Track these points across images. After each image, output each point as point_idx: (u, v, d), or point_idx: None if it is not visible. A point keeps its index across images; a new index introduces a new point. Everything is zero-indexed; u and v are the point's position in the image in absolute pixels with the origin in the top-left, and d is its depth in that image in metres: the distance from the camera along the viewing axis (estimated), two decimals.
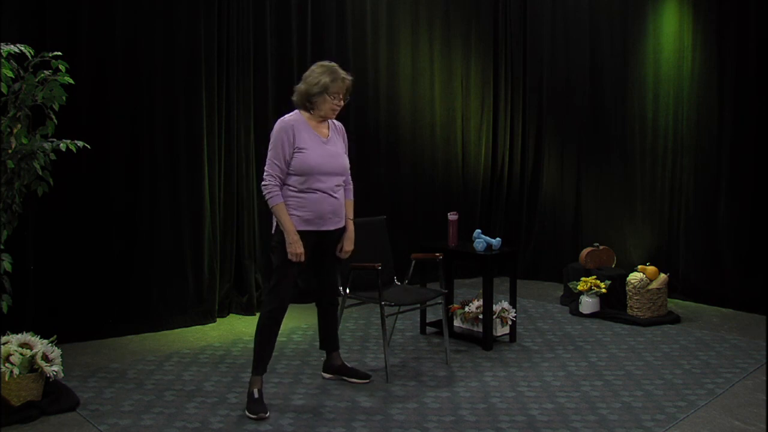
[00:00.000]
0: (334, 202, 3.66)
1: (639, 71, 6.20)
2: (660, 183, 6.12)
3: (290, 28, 5.77)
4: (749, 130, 5.53)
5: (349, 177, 3.84)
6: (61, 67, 3.54)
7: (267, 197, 3.54)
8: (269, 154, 3.55)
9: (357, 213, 3.96)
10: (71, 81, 3.56)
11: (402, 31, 6.56)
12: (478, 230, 4.86)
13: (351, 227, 3.82)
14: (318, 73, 3.62)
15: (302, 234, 3.56)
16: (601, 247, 5.81)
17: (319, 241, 3.68)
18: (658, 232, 6.14)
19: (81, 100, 4.63)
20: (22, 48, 3.47)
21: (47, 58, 3.54)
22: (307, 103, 3.64)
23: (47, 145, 3.53)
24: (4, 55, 3.38)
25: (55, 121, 3.60)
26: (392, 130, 6.53)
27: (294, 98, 3.70)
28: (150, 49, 4.97)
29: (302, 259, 3.54)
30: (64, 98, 3.55)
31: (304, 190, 3.56)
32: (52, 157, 3.59)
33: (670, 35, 6.01)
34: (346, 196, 3.81)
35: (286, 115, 3.65)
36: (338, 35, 6.10)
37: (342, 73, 3.65)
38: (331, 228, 3.68)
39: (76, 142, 3.63)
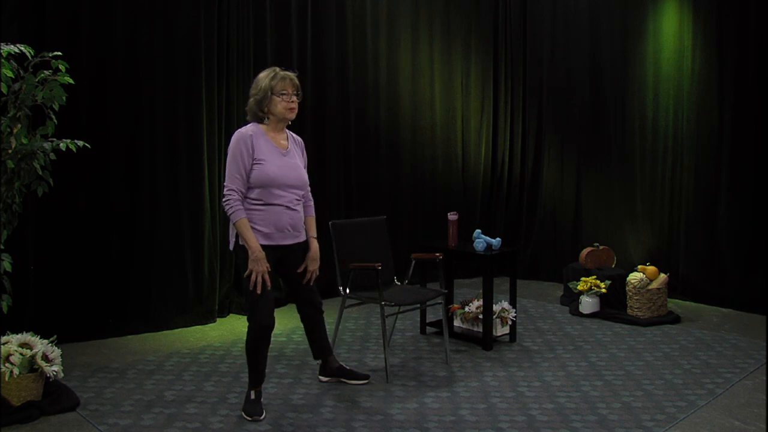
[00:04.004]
0: (294, 215, 3.55)
1: (639, 71, 6.20)
2: (660, 183, 6.12)
3: (290, 28, 5.77)
4: (749, 130, 5.53)
5: (309, 193, 3.71)
6: (61, 67, 3.53)
7: (229, 212, 3.41)
8: (228, 168, 3.44)
9: (358, 213, 3.96)
10: (71, 81, 3.55)
11: (402, 31, 6.56)
12: (478, 230, 4.86)
13: (315, 246, 3.68)
14: (259, 80, 3.54)
15: (263, 249, 3.42)
16: (601, 247, 5.81)
17: (281, 257, 3.57)
18: (658, 232, 6.14)
19: (81, 100, 4.63)
20: (22, 48, 3.47)
21: (47, 58, 3.54)
22: (260, 113, 3.53)
23: (47, 145, 3.53)
24: (4, 55, 3.38)
25: (55, 121, 3.60)
26: (392, 130, 6.53)
27: (248, 118, 3.59)
28: (150, 49, 4.97)
29: (267, 278, 3.39)
30: (64, 98, 3.55)
31: (264, 203, 3.45)
32: (52, 157, 3.59)
33: (670, 35, 6.02)
34: (307, 212, 3.69)
35: (242, 127, 3.54)
36: (338, 35, 6.10)
37: (282, 71, 3.55)
38: (291, 242, 3.56)
39: (76, 142, 3.63)
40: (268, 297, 3.43)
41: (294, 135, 3.72)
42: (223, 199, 3.43)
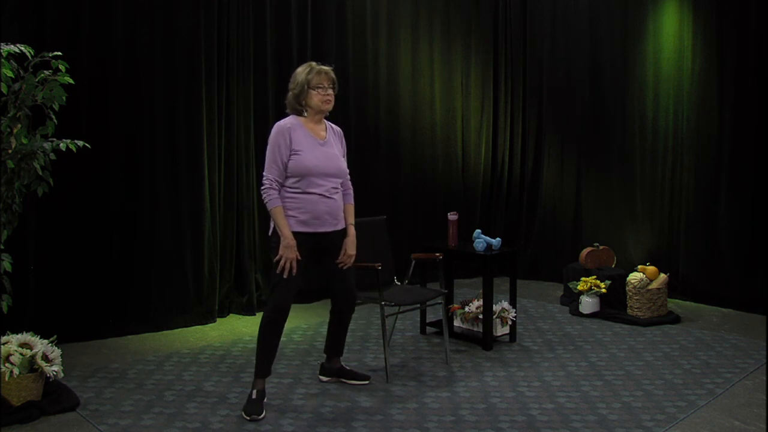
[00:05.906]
0: (331, 204, 3.65)
1: (639, 71, 6.20)
2: (660, 183, 6.12)
3: (290, 28, 5.77)
4: (749, 130, 5.53)
5: (348, 181, 3.82)
6: (61, 67, 3.53)
7: (265, 200, 3.56)
8: (267, 157, 3.58)
9: (358, 213, 3.95)
10: (71, 81, 3.55)
11: (402, 31, 6.56)
12: (478, 230, 4.86)
13: (352, 232, 3.79)
14: (296, 74, 3.70)
15: (299, 235, 3.55)
16: (601, 247, 5.81)
17: (317, 244, 3.65)
18: (658, 232, 6.14)
19: (81, 100, 4.63)
20: (22, 48, 3.47)
21: (47, 58, 3.53)
22: (298, 106, 3.68)
23: (47, 145, 3.53)
24: (4, 55, 3.38)
25: (55, 121, 3.60)
26: (392, 130, 6.53)
27: (287, 110, 3.73)
28: (150, 49, 4.97)
29: (294, 266, 3.51)
30: (64, 98, 3.55)
31: (301, 192, 3.56)
32: (52, 157, 3.59)
33: (670, 35, 6.02)
34: (346, 200, 3.80)
35: (282, 119, 3.67)
36: (338, 35, 6.10)
37: (318, 66, 3.69)
38: (328, 230, 3.66)
39: (76, 142, 3.63)
40: (290, 283, 3.55)
41: (333, 125, 3.84)
42: (261, 188, 3.59)
